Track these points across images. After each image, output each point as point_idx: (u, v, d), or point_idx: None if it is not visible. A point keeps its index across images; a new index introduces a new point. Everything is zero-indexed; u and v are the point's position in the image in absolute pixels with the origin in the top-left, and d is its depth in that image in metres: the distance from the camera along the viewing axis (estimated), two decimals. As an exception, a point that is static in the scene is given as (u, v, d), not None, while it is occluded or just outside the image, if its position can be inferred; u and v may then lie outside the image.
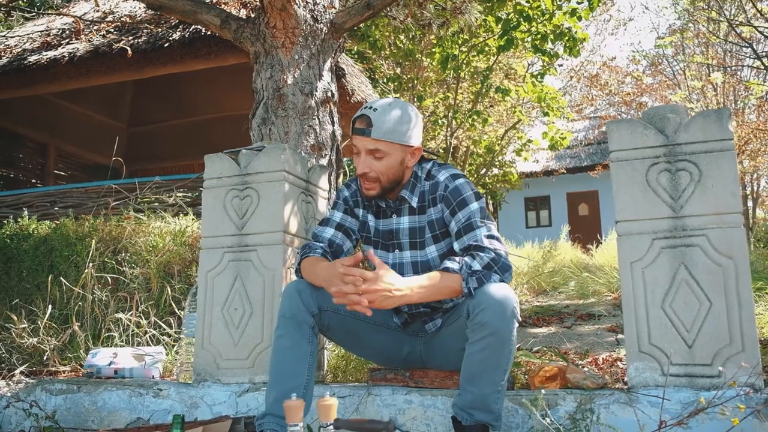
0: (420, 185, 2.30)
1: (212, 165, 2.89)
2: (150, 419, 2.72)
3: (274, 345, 2.20)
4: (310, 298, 2.18)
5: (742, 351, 2.16)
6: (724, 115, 2.30)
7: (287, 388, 2.13)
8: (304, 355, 2.17)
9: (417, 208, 2.30)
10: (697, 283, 2.22)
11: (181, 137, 10.43)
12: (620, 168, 2.37)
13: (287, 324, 2.17)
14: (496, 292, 1.99)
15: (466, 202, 2.18)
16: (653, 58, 21.93)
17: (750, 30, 16.78)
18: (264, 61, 3.71)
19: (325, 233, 2.36)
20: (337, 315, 2.26)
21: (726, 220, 2.23)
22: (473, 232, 2.14)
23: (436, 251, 2.28)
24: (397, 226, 2.33)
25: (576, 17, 6.79)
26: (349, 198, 2.42)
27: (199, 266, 2.83)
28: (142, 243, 4.16)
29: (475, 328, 2.00)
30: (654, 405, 2.16)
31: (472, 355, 2.04)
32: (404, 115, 2.21)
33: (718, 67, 20.31)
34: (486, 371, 2.04)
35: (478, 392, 2.06)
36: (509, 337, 2.00)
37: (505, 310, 1.97)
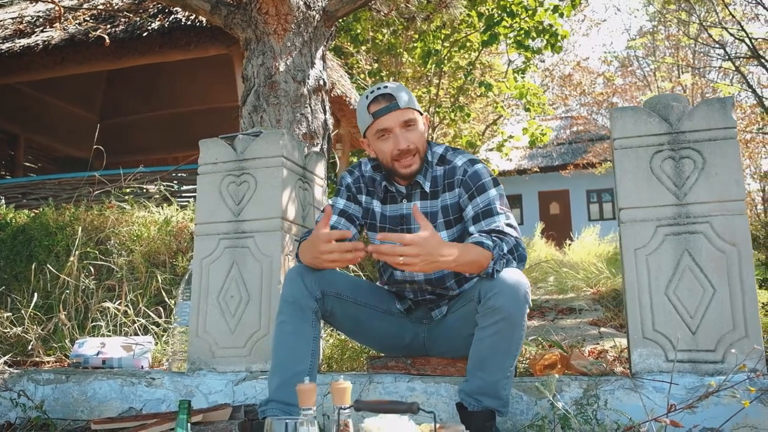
0: (432, 170, 2.28)
1: (207, 150, 2.83)
2: (143, 409, 2.66)
3: (277, 330, 2.16)
4: (312, 282, 2.14)
5: (746, 337, 2.18)
6: (728, 104, 2.32)
7: (291, 373, 2.09)
8: (307, 341, 2.13)
9: (429, 193, 2.27)
10: (701, 269, 2.24)
11: (156, 130, 10.30)
12: (624, 155, 2.38)
13: (289, 309, 2.13)
14: (509, 277, 1.97)
15: (485, 188, 2.17)
16: (624, 60, 22.23)
17: (719, 32, 17.11)
18: (255, 48, 3.66)
19: (331, 221, 2.33)
20: (340, 300, 2.23)
21: (729, 207, 2.25)
22: (493, 217, 2.13)
23: (448, 237, 2.26)
24: (408, 212, 2.30)
25: (558, 14, 6.84)
26: (351, 185, 2.40)
27: (194, 253, 2.77)
28: (126, 232, 4.07)
29: (486, 312, 1.98)
30: (659, 390, 2.17)
31: (482, 340, 2.02)
32: (405, 88, 2.27)
33: (687, 69, 20.68)
34: (495, 356, 2.02)
35: (487, 378, 2.04)
36: (521, 322, 1.99)
37: (518, 295, 1.96)
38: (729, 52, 16.78)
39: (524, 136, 7.29)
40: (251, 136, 2.79)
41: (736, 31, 15.40)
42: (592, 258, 9.03)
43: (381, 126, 2.20)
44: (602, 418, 2.13)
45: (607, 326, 5.24)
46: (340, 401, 1.72)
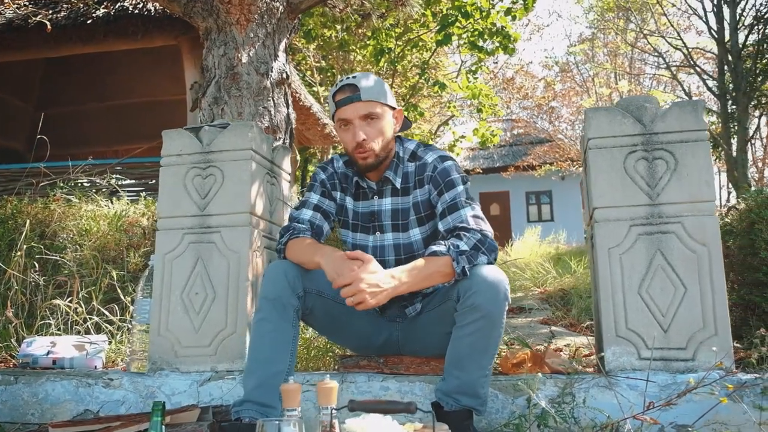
0: (403, 166, 2.25)
1: (171, 141, 2.72)
2: (99, 411, 2.53)
3: (255, 328, 2.08)
4: (296, 280, 2.08)
5: (715, 335, 2.22)
6: (699, 107, 2.37)
7: (268, 373, 2.03)
8: (286, 340, 2.07)
9: (400, 189, 2.25)
10: (672, 269, 2.27)
11: (96, 122, 9.91)
12: (599, 155, 2.40)
13: (270, 306, 2.06)
14: (488, 275, 1.96)
15: (453, 184, 2.15)
16: (563, 65, 22.76)
17: (655, 41, 17.71)
18: (216, 38, 3.55)
19: (304, 215, 2.28)
20: (322, 298, 2.17)
21: (700, 208, 2.29)
22: (458, 212, 2.11)
23: (420, 234, 2.24)
24: (379, 208, 2.27)
25: (511, 16, 6.91)
26: (326, 180, 2.35)
27: (156, 248, 2.66)
28: (73, 227, 3.89)
29: (465, 311, 1.96)
30: (633, 388, 2.19)
31: (460, 338, 2.00)
32: (379, 80, 2.24)
33: (624, 76, 21.33)
34: (474, 355, 2.01)
35: (464, 377, 2.02)
36: (500, 320, 1.98)
37: (497, 293, 1.95)
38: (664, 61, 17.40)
39: (475, 137, 7.36)
40: (218, 127, 2.70)
41: (672, 40, 15.99)
42: (536, 258, 9.19)
43: (341, 116, 2.19)
44: (579, 416, 2.14)
45: (557, 325, 5.32)
46: (326, 401, 1.67)
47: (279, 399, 2.03)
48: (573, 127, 23.06)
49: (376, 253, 2.27)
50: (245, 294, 2.53)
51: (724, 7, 12.95)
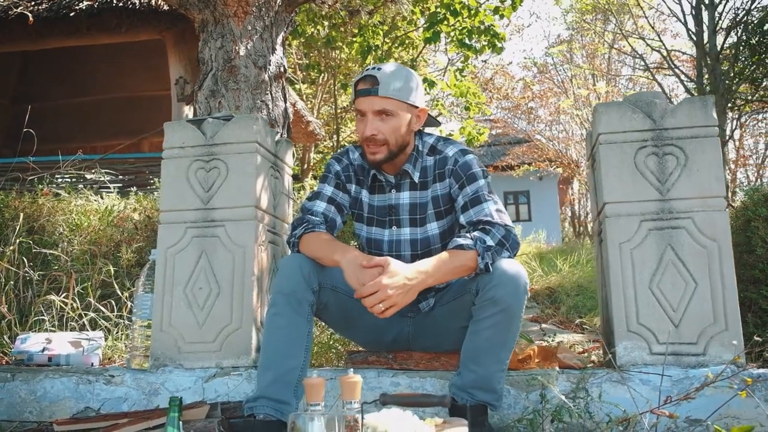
0: (422, 160, 2.23)
1: (173, 133, 2.67)
2: (100, 408, 2.47)
3: (269, 324, 2.05)
4: (311, 274, 2.04)
5: (726, 330, 2.23)
6: (709, 103, 2.38)
7: (284, 369, 2.00)
8: (301, 336, 2.03)
9: (419, 183, 2.22)
10: (683, 264, 2.28)
11: (76, 117, 9.72)
12: (609, 150, 2.39)
13: (284, 301, 2.02)
14: (509, 268, 1.95)
15: (475, 177, 2.13)
16: (542, 66, 22.92)
17: (633, 42, 17.91)
18: (213, 30, 3.49)
19: (317, 207, 2.24)
20: (336, 293, 2.14)
21: (710, 203, 2.30)
22: (481, 205, 2.09)
23: (438, 228, 2.22)
24: (397, 202, 2.24)
25: (498, 15, 6.92)
26: (341, 172, 2.31)
27: (158, 242, 2.60)
28: (63, 222, 3.81)
29: (485, 304, 1.95)
30: (645, 383, 2.19)
31: (478, 332, 1.99)
32: (409, 74, 2.16)
33: (602, 77, 21.54)
34: (492, 349, 1.99)
35: (481, 371, 2.01)
36: (519, 314, 1.97)
37: (518, 286, 1.94)
38: (641, 63, 17.59)
39: (462, 135, 7.37)
40: (221, 120, 2.65)
41: (650, 42, 16.17)
42: (519, 257, 9.21)
43: (357, 106, 2.16)
44: (593, 410, 2.13)
45: (547, 323, 5.34)
46: (350, 396, 1.64)
47: (294, 395, 2.00)
48: (550, 127, 23.26)
49: (392, 248, 2.24)
50: (251, 289, 2.49)
51: (703, 9, 13.12)
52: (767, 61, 12.56)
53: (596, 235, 2.62)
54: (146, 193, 4.30)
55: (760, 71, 12.67)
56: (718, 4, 12.99)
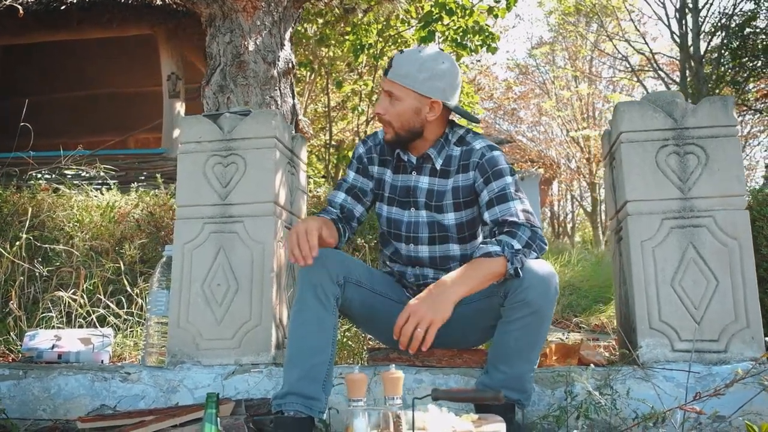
0: (448, 148, 2.22)
1: (190, 128, 2.64)
2: (116, 406, 2.44)
3: (294, 318, 2.02)
4: (336, 267, 2.03)
5: (747, 327, 2.26)
6: (729, 103, 2.40)
7: (312, 364, 1.97)
8: (327, 329, 2.01)
9: (440, 171, 2.21)
10: (704, 262, 2.30)
11: (63, 113, 9.56)
12: (631, 149, 2.41)
13: (310, 295, 2.00)
14: (540, 269, 1.92)
15: (502, 173, 2.12)
16: (524, 67, 23.07)
17: (613, 45, 18.09)
18: (221, 25, 3.46)
19: (337, 198, 2.31)
20: (360, 288, 2.13)
21: (731, 202, 2.33)
22: (507, 203, 2.07)
23: (454, 219, 2.20)
24: (416, 184, 2.24)
25: (493, 15, 6.94)
26: (363, 155, 2.33)
27: (175, 238, 2.57)
28: (64, 217, 3.74)
29: (515, 306, 1.92)
30: (669, 380, 2.21)
31: (508, 333, 1.96)
32: (429, 63, 2.10)
33: (583, 79, 21.74)
34: (522, 350, 1.98)
35: (511, 372, 1.99)
36: (549, 315, 1.95)
37: (549, 288, 1.92)
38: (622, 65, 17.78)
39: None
40: (239, 115, 2.62)
41: (634, 44, 16.34)
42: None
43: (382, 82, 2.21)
44: (620, 407, 2.14)
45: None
46: (393, 392, 1.63)
47: (323, 390, 1.98)
48: (532, 128, 23.42)
49: (410, 228, 2.24)
50: (270, 285, 2.47)
51: (687, 13, 13.29)
52: (748, 65, 12.78)
53: (614, 233, 2.63)
54: (147, 189, 4.25)
55: (741, 75, 12.88)
56: (701, 9, 13.18)
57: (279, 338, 2.51)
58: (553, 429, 2.19)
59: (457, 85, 2.18)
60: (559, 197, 25.91)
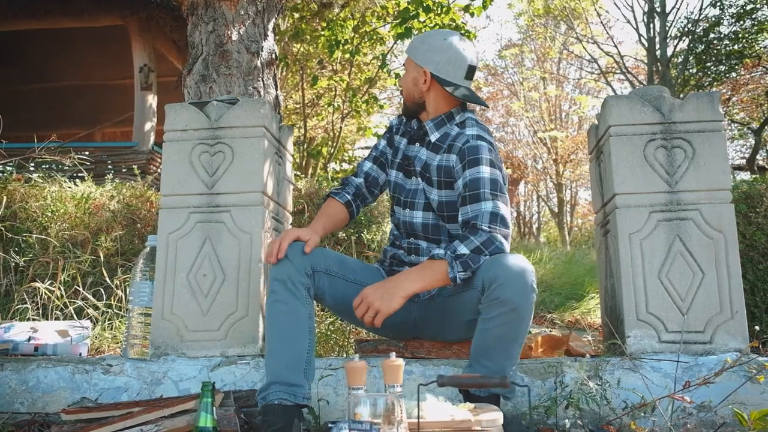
0: (449, 125, 2.27)
1: (176, 115, 2.59)
2: (98, 399, 2.38)
3: (270, 311, 2.02)
4: (302, 260, 2.04)
5: (731, 319, 2.29)
6: (715, 98, 2.44)
7: (291, 352, 1.97)
8: (303, 318, 2.01)
9: (433, 144, 2.27)
10: (691, 254, 2.33)
11: (32, 105, 9.30)
12: (620, 142, 2.43)
13: (281, 287, 2.02)
14: (515, 266, 1.91)
15: (478, 163, 2.10)
16: (494, 69, 23.24)
17: (582, 47, 18.35)
18: (204, 14, 3.41)
19: (364, 166, 2.45)
20: (330, 277, 2.13)
21: (717, 196, 2.37)
22: (479, 204, 2.06)
23: (437, 196, 2.24)
24: (416, 154, 2.31)
25: (469, 13, 6.97)
26: (394, 126, 2.47)
27: (159, 227, 2.52)
28: (38, 208, 3.65)
29: (491, 304, 1.92)
30: (656, 370, 2.23)
31: (487, 330, 1.96)
32: (432, 38, 2.28)
33: (552, 81, 21.99)
34: (502, 346, 1.97)
35: (492, 366, 1.98)
36: (528, 312, 1.94)
37: (524, 285, 1.90)
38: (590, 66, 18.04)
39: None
40: (226, 103, 2.58)
41: (602, 47, 16.58)
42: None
43: None
44: (610, 397, 2.16)
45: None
46: (393, 380, 1.62)
47: (305, 377, 1.97)
48: (500, 129, 23.59)
49: (409, 195, 2.31)
50: (258, 276, 2.44)
51: (655, 18, 13.53)
52: (712, 69, 13.07)
53: (600, 226, 2.65)
54: (124, 181, 4.16)
55: (705, 79, 13.16)
56: (668, 13, 13.42)
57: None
58: (543, 419, 2.20)
59: (456, 63, 2.22)
60: (526, 198, 26.15)
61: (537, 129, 21.11)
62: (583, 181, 22.44)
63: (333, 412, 2.28)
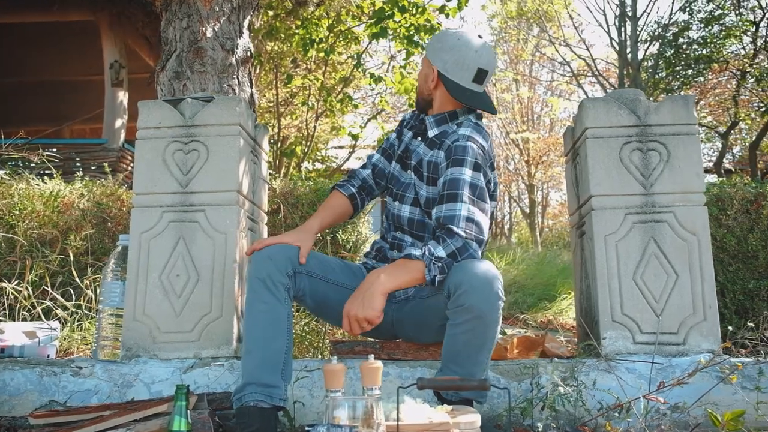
0: (449, 125, 2.26)
1: (149, 113, 2.54)
2: (67, 402, 2.32)
3: (248, 309, 1.98)
4: (284, 260, 2.01)
5: (704, 320, 2.32)
6: (690, 101, 2.46)
7: (268, 352, 1.94)
8: (281, 319, 1.98)
9: (430, 140, 2.26)
10: (665, 256, 2.36)
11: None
12: (596, 144, 2.45)
13: (261, 286, 1.97)
14: (480, 273, 1.88)
15: (461, 164, 2.08)
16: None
17: (554, 50, 18.54)
18: (178, 10, 3.35)
19: (373, 158, 2.44)
20: (311, 278, 2.10)
21: (691, 198, 2.39)
22: (454, 204, 2.03)
23: (425, 192, 2.22)
24: (415, 148, 2.31)
25: (444, 14, 6.98)
26: (406, 120, 2.46)
27: (131, 226, 2.47)
28: (4, 206, 3.56)
29: (457, 311, 1.90)
30: (631, 371, 2.25)
31: (455, 336, 1.94)
32: (446, 37, 2.26)
33: (524, 83, 22.16)
34: (470, 352, 1.95)
35: (461, 371, 1.96)
36: (494, 320, 1.91)
37: (489, 292, 1.87)
38: (562, 69, 18.21)
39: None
40: (201, 101, 2.54)
41: (574, 49, 16.75)
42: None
43: None
44: (585, 398, 2.17)
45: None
46: (371, 382, 1.60)
47: (282, 377, 1.94)
48: (474, 130, 23.63)
49: (401, 187, 2.31)
50: (232, 276, 2.40)
51: (627, 21, 13.70)
52: (682, 73, 13.27)
53: (576, 227, 2.67)
54: (94, 179, 4.08)
55: (674, 83, 13.36)
56: (639, 17, 13.60)
57: (240, 331, 2.45)
58: (519, 420, 2.20)
59: (464, 65, 2.18)
60: (498, 199, 26.31)
61: (509, 130, 21.24)
62: (555, 183, 22.67)
63: (308, 415, 2.26)
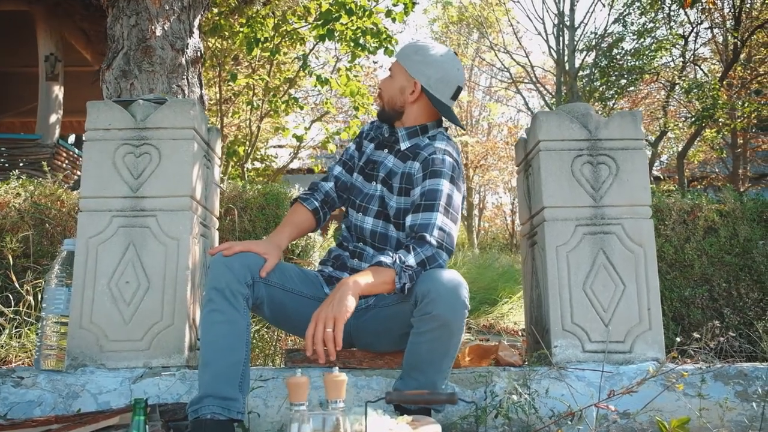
0: (420, 138, 2.27)
1: (98, 114, 2.46)
2: (8, 414, 2.23)
3: (205, 320, 1.94)
4: (241, 268, 1.97)
5: (650, 329, 2.40)
6: (638, 117, 2.55)
7: (226, 364, 1.91)
8: (240, 330, 1.94)
9: (402, 153, 2.26)
10: (613, 267, 2.43)
11: None
12: (549, 157, 2.50)
13: (219, 296, 1.93)
14: (448, 282, 1.90)
15: (439, 175, 2.11)
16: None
17: (493, 56, 18.88)
18: (126, 7, 3.26)
19: (335, 170, 2.42)
20: (269, 287, 2.08)
21: (638, 211, 2.47)
22: (430, 214, 2.05)
23: (396, 203, 2.23)
24: (382, 160, 2.30)
25: (391, 19, 7.01)
26: (365, 131, 2.46)
27: (78, 231, 2.39)
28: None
29: (423, 319, 1.91)
30: (580, 379, 2.31)
31: (419, 344, 1.96)
32: (426, 51, 2.25)
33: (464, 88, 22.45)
34: (433, 360, 1.98)
35: (424, 379, 1.99)
36: (459, 328, 1.94)
37: (456, 301, 1.89)
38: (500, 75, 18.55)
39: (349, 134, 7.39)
40: (153, 102, 2.48)
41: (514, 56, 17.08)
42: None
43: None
44: (538, 406, 2.21)
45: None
46: (336, 395, 1.59)
47: (239, 390, 1.91)
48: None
49: (365, 199, 2.29)
50: (184, 284, 2.35)
51: (564, 31, 14.05)
52: (616, 83, 13.71)
53: (527, 237, 2.72)
54: (30, 178, 3.92)
55: (609, 92, 13.79)
56: (577, 27, 13.98)
57: (192, 339, 2.40)
58: (472, 429, 2.23)
59: (447, 82, 2.22)
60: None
61: (449, 134, 21.47)
62: (492, 186, 23.04)
63: (262, 425, 2.23)
